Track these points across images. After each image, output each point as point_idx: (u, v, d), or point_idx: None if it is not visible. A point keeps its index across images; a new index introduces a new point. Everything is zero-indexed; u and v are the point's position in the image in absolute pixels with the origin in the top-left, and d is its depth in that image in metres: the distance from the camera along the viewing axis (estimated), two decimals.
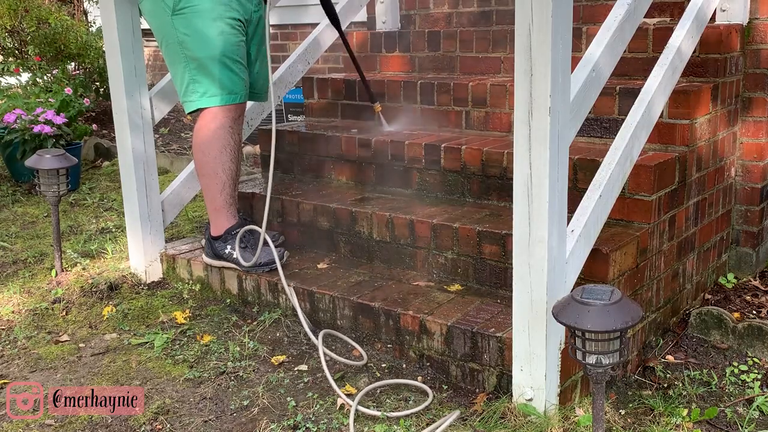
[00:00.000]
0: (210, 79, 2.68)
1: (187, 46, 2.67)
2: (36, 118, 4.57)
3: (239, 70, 2.74)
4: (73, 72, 6.38)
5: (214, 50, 2.66)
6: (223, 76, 2.69)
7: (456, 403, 2.18)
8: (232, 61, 2.70)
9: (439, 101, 3.14)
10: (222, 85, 2.69)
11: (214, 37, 2.66)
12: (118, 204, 4.22)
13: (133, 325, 2.78)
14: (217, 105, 2.70)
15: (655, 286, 2.51)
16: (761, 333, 2.46)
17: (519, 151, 1.93)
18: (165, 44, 2.73)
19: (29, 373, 2.46)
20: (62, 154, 3.18)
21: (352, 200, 2.92)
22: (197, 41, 2.66)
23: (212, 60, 2.66)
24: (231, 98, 2.71)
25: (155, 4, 2.69)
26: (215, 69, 2.67)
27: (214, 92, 2.69)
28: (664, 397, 2.23)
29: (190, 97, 2.72)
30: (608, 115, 2.71)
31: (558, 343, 2.04)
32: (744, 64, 2.89)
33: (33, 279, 3.19)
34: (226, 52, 2.68)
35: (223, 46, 2.67)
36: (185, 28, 2.65)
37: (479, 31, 3.35)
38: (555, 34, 1.83)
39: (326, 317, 2.57)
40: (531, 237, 1.95)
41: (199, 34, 2.65)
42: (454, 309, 2.36)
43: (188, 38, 2.66)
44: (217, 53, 2.67)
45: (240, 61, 2.74)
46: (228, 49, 2.68)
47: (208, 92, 2.69)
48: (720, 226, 2.93)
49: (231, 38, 2.69)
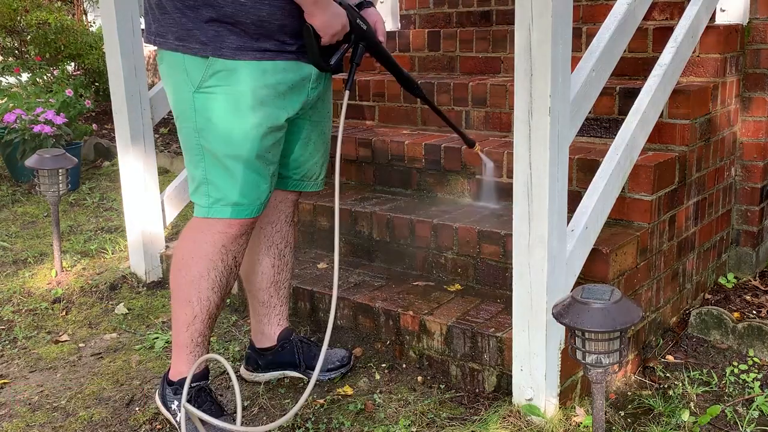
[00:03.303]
0: (230, 183, 1.95)
1: (205, 137, 1.93)
2: (36, 118, 4.57)
3: (270, 174, 2.01)
4: (73, 72, 6.39)
5: (241, 149, 1.92)
6: (248, 181, 1.95)
7: (456, 402, 2.18)
8: (264, 162, 1.97)
9: (439, 101, 3.14)
10: (243, 193, 1.96)
11: (246, 131, 1.91)
12: (118, 204, 4.23)
13: (133, 325, 2.78)
14: (229, 217, 1.98)
15: (655, 286, 2.51)
16: (761, 333, 2.46)
17: (519, 151, 1.93)
18: (180, 125, 2.00)
19: (29, 373, 2.46)
20: (62, 154, 3.18)
21: (352, 200, 2.92)
22: (221, 134, 1.91)
23: (237, 160, 1.93)
24: (248, 211, 1.99)
25: (174, 71, 1.93)
26: (238, 171, 1.94)
27: (229, 201, 1.96)
28: (664, 397, 2.23)
29: (199, 200, 2.01)
30: (608, 115, 2.71)
31: (558, 343, 2.04)
32: (744, 64, 2.89)
33: (33, 279, 3.19)
34: (259, 151, 1.94)
35: (257, 144, 1.93)
36: (210, 114, 1.90)
37: (479, 31, 3.35)
38: (555, 33, 1.83)
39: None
40: (531, 237, 1.95)
41: (228, 125, 1.90)
42: (453, 309, 2.36)
43: (210, 126, 1.91)
44: (246, 152, 1.92)
45: (274, 162, 2.02)
46: (263, 148, 1.95)
47: (222, 200, 1.96)
48: (720, 226, 2.93)
49: (268, 136, 1.95)
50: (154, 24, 1.93)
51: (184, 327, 2.05)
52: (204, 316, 2.03)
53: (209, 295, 2.01)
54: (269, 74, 1.90)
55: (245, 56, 1.87)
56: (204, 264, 1.99)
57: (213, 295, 2.02)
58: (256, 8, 1.84)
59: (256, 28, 1.86)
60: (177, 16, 1.87)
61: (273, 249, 2.27)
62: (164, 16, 1.90)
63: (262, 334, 2.35)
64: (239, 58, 1.87)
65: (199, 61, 1.87)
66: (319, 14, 1.88)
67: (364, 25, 2.03)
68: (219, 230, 1.98)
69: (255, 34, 1.86)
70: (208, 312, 2.04)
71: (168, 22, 1.89)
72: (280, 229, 2.27)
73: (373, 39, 2.08)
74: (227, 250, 2.00)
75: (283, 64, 1.92)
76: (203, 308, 2.02)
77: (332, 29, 1.92)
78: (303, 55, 1.95)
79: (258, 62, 1.88)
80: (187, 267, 2.01)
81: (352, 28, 1.99)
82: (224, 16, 1.84)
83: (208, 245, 1.99)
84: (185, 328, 2.05)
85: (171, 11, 1.88)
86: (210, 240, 1.99)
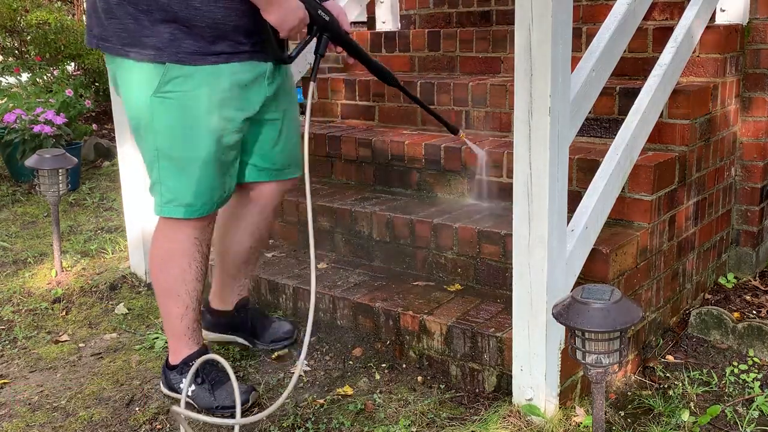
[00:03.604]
0: (184, 185, 2.00)
1: (162, 140, 1.96)
2: (36, 118, 4.57)
3: (225, 174, 2.07)
4: (73, 72, 6.39)
5: (198, 151, 1.97)
6: (202, 183, 2.00)
7: (456, 402, 2.18)
8: (219, 165, 2.02)
9: (439, 101, 3.14)
10: (197, 195, 2.01)
11: (203, 134, 1.96)
12: (118, 204, 4.23)
13: (133, 325, 2.78)
14: (181, 218, 2.04)
15: (655, 286, 2.51)
16: (761, 333, 2.46)
17: (519, 151, 1.93)
18: (135, 125, 2.02)
19: (29, 373, 2.46)
20: (62, 154, 3.18)
21: (352, 200, 2.92)
22: (179, 138, 1.95)
23: (193, 163, 1.98)
24: (201, 211, 2.04)
25: (127, 75, 1.95)
26: (194, 174, 1.99)
27: (182, 202, 2.02)
28: (664, 397, 2.23)
29: (154, 197, 2.07)
30: (608, 115, 2.71)
31: (558, 343, 2.04)
32: (744, 64, 2.89)
33: (33, 279, 3.19)
34: (216, 154, 1.99)
35: (213, 147, 1.98)
36: (166, 118, 1.93)
37: (479, 31, 3.35)
38: (555, 34, 1.83)
39: (326, 317, 2.57)
40: (531, 237, 1.95)
41: (184, 129, 1.94)
42: (453, 309, 2.36)
43: (167, 131, 1.95)
44: (203, 155, 1.97)
45: (231, 162, 2.08)
46: (219, 151, 2.00)
47: (175, 201, 2.02)
48: (720, 226, 2.93)
49: (224, 139, 2.00)
50: (97, 28, 1.95)
51: (178, 319, 2.15)
52: (195, 304, 2.17)
53: (195, 285, 2.14)
54: (225, 77, 1.95)
55: (202, 61, 1.91)
56: (185, 259, 2.10)
57: (198, 284, 2.15)
58: (210, 11, 1.87)
59: (212, 31, 1.90)
60: (128, 22, 1.88)
61: (256, 234, 2.37)
62: (111, 21, 1.91)
63: (221, 299, 2.47)
64: (196, 63, 1.91)
65: (156, 67, 1.90)
66: (274, 11, 1.92)
67: (326, 16, 2.05)
68: (186, 225, 2.07)
69: (210, 37, 1.90)
70: (197, 299, 2.17)
71: (116, 28, 1.91)
72: (266, 217, 2.36)
73: (338, 29, 2.10)
74: (200, 241, 2.11)
75: (238, 65, 1.96)
76: (192, 298, 2.15)
77: (288, 24, 1.96)
78: (257, 53, 2.00)
79: (214, 66, 1.93)
80: (168, 266, 2.11)
81: (314, 19, 2.03)
82: (179, 20, 1.86)
83: (183, 241, 2.09)
84: (179, 320, 2.16)
85: (121, 17, 1.89)
86: (183, 237, 2.08)
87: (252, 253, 2.41)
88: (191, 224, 2.07)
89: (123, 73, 1.97)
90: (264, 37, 1.96)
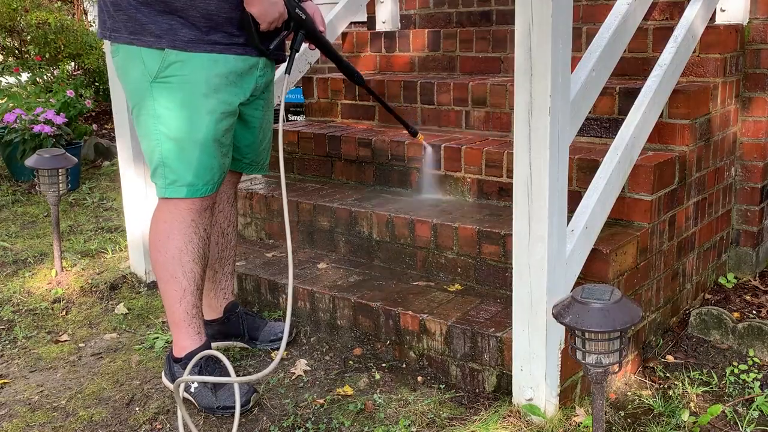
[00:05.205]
0: (185, 165, 2.11)
1: (164, 123, 2.09)
2: (36, 118, 4.57)
3: (223, 155, 2.19)
4: (73, 72, 6.39)
5: (198, 132, 2.09)
6: (202, 163, 2.13)
7: (456, 402, 2.18)
8: (218, 145, 2.15)
9: (439, 101, 3.14)
10: (198, 174, 2.13)
11: (202, 116, 2.09)
12: (118, 204, 4.23)
13: (133, 324, 2.78)
14: (184, 197, 2.15)
15: (655, 286, 2.51)
16: (761, 333, 2.46)
17: (519, 151, 1.93)
18: (137, 113, 2.15)
19: (29, 373, 2.46)
20: (62, 154, 3.18)
21: (352, 200, 2.92)
22: (180, 120, 2.08)
23: (193, 143, 2.10)
24: (203, 190, 2.15)
25: (131, 63, 2.10)
26: (194, 154, 2.11)
27: (184, 182, 2.12)
28: (664, 397, 2.23)
29: (157, 181, 2.17)
30: (608, 115, 2.71)
31: (558, 343, 2.04)
32: (744, 64, 2.89)
33: (33, 279, 3.19)
34: (215, 135, 2.12)
35: (212, 128, 2.11)
36: (167, 101, 2.07)
37: (479, 31, 3.35)
38: (555, 34, 1.83)
39: (326, 317, 2.57)
40: (531, 237, 1.95)
41: (184, 112, 2.08)
42: (453, 309, 2.36)
43: (169, 114, 2.08)
44: (202, 136, 2.10)
45: (228, 144, 2.21)
46: (218, 132, 2.13)
47: (178, 181, 2.12)
48: (720, 225, 2.93)
49: (222, 122, 2.13)
50: (109, 20, 2.11)
51: (177, 302, 2.20)
52: (192, 287, 2.20)
53: (192, 267, 2.19)
54: (220, 64, 2.10)
55: (197, 48, 2.06)
56: (181, 239, 2.17)
57: (195, 267, 2.20)
58: (204, 3, 2.03)
59: (206, 21, 2.05)
60: (132, 12, 2.05)
61: (216, 228, 2.43)
62: (118, 13, 2.07)
63: (209, 307, 2.50)
64: (192, 50, 2.06)
65: (156, 53, 2.06)
66: (257, 3, 2.07)
67: (303, 14, 2.23)
68: (185, 207, 2.16)
69: (205, 27, 2.06)
70: (195, 283, 2.21)
71: (122, 18, 2.07)
72: (222, 209, 2.44)
73: (312, 27, 2.28)
74: (197, 224, 2.19)
75: (233, 57, 2.12)
76: (189, 280, 2.19)
77: (269, 17, 2.11)
78: (250, 48, 2.15)
79: (210, 54, 2.08)
80: (165, 246, 2.18)
81: (291, 16, 2.19)
82: (175, 10, 2.03)
83: (180, 222, 2.17)
84: (178, 303, 2.20)
85: (125, 7, 2.06)
86: (179, 218, 2.16)
87: (222, 250, 2.47)
88: (188, 206, 2.16)
89: (128, 61, 2.11)
90: (247, 27, 2.11)
